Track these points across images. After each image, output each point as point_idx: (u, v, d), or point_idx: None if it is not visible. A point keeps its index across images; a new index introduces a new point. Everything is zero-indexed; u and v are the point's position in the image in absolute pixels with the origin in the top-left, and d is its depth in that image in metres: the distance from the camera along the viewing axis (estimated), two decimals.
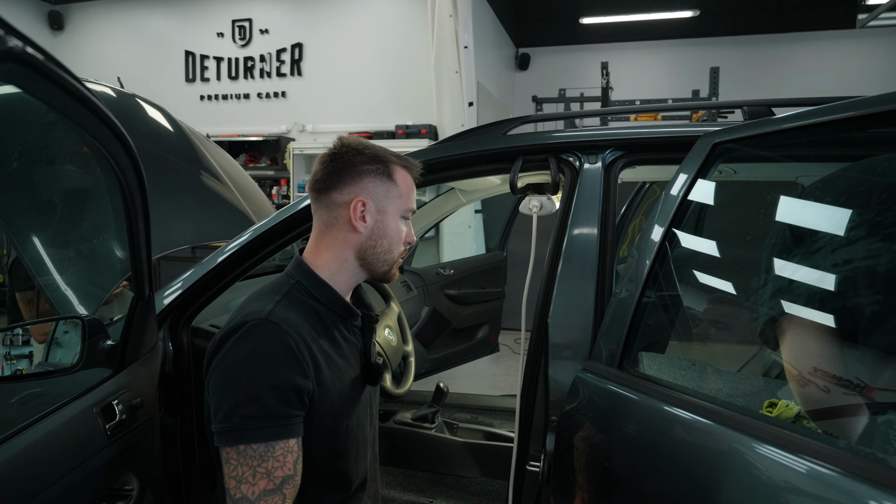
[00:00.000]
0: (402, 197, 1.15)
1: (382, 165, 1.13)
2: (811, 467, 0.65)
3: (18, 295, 1.94)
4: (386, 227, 1.13)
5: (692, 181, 1.12)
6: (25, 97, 0.60)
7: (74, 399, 1.04)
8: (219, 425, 0.97)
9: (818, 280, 0.84)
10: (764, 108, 1.37)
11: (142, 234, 1.05)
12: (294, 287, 1.09)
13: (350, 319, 1.16)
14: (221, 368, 0.99)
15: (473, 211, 5.70)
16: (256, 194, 2.82)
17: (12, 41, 0.47)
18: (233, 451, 0.95)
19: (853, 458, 0.62)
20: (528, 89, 8.33)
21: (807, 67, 7.86)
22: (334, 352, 1.09)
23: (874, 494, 0.56)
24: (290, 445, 0.98)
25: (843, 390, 0.77)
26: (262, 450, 0.95)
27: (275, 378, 0.97)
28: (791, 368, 0.83)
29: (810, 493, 0.65)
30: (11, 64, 0.48)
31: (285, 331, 1.00)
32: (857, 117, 0.81)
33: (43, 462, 0.86)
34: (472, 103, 5.64)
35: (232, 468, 0.95)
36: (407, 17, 6.28)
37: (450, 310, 3.36)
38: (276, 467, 0.96)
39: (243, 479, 0.94)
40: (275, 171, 6.59)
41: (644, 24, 7.83)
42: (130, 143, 0.80)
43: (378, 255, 1.13)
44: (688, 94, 6.82)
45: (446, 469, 2.26)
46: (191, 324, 1.57)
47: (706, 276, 1.13)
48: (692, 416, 0.87)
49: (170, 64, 7.00)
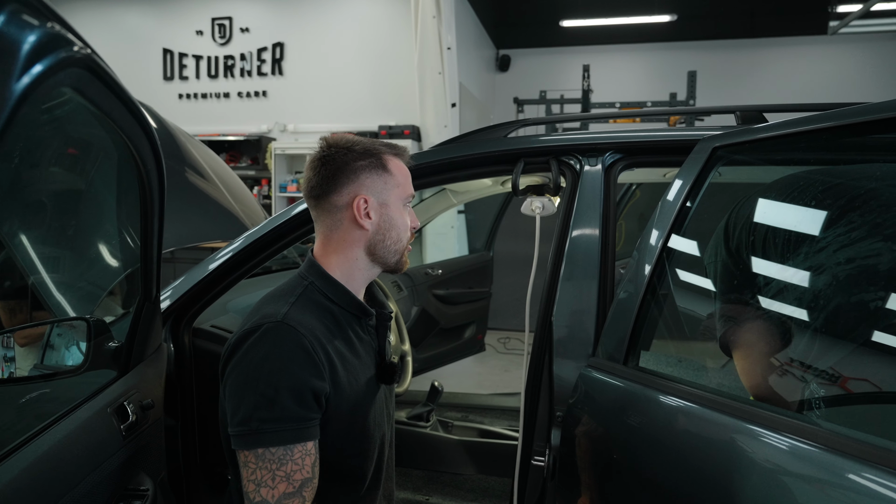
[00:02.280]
0: (401, 185, 1.14)
1: (375, 158, 1.12)
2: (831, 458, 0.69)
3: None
4: (392, 219, 1.13)
5: (693, 184, 1.16)
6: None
7: (87, 400, 1.04)
8: (236, 429, 0.96)
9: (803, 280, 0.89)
10: (757, 112, 1.42)
11: (155, 234, 1.06)
12: (308, 288, 1.09)
13: (364, 318, 1.15)
14: (238, 372, 0.99)
15: (456, 212, 5.73)
16: (244, 194, 2.80)
17: (79, 46, 0.48)
18: (251, 455, 0.95)
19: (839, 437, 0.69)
20: (508, 91, 8.40)
21: (779, 72, 8.07)
22: (349, 352, 1.09)
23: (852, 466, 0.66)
24: (308, 448, 0.98)
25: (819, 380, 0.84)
26: (281, 453, 0.95)
27: (292, 381, 0.97)
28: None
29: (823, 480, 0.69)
30: (77, 69, 0.50)
31: (301, 333, 1.00)
32: (858, 124, 0.85)
33: (66, 463, 0.86)
34: (455, 104, 5.67)
35: (251, 472, 0.95)
36: (389, 17, 6.28)
37: (438, 310, 3.39)
38: (295, 470, 0.96)
39: (262, 483, 0.94)
40: (256, 171, 6.53)
41: (623, 28, 7.95)
42: (159, 147, 0.81)
43: (388, 248, 1.13)
44: (665, 97, 6.94)
45: (442, 467, 2.28)
46: (192, 325, 1.57)
47: (708, 275, 1.17)
48: (699, 407, 0.90)
49: (147, 62, 6.90)
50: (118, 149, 0.92)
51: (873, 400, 0.83)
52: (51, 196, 1.65)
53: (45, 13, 0.45)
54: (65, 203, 1.66)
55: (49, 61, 0.45)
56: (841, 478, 0.67)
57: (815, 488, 0.71)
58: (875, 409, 0.83)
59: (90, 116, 0.77)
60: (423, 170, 1.50)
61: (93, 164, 1.35)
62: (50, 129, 1.42)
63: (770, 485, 0.74)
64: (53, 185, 1.64)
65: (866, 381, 0.83)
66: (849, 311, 0.82)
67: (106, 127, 0.75)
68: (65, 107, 0.88)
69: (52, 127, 1.35)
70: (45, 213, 1.62)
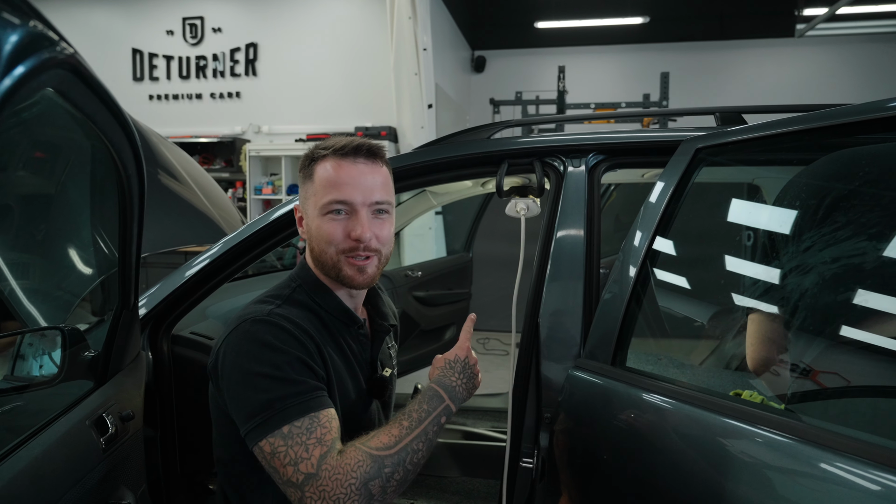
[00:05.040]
0: (317, 193, 1.04)
1: (308, 165, 1.07)
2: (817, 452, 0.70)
3: None
4: (311, 230, 1.07)
5: (677, 184, 1.17)
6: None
7: (64, 413, 1.01)
8: (258, 419, 0.93)
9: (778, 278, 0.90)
10: (736, 114, 1.45)
11: (134, 240, 1.03)
12: (296, 291, 1.07)
13: (353, 327, 1.11)
14: (237, 370, 0.96)
15: (434, 213, 5.72)
16: (220, 197, 2.74)
17: (63, 47, 0.46)
18: (278, 439, 0.91)
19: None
20: (484, 91, 8.41)
21: (749, 73, 8.24)
22: (340, 358, 1.07)
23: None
24: (331, 414, 0.96)
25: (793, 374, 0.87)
26: (308, 423, 0.92)
27: (292, 357, 0.95)
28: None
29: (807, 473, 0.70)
30: (60, 70, 0.47)
31: (287, 327, 0.98)
32: (842, 125, 0.87)
33: (45, 479, 0.83)
34: (432, 105, 5.66)
35: (283, 455, 0.91)
36: (364, 17, 6.24)
37: (418, 311, 3.37)
38: (325, 433, 0.93)
39: (299, 459, 0.90)
40: (230, 174, 6.43)
41: (597, 30, 8.04)
42: (140, 152, 0.78)
43: (321, 261, 1.06)
44: (639, 98, 7.03)
45: (427, 470, 2.27)
46: (171, 332, 1.53)
47: (698, 275, 1.18)
48: (688, 406, 0.91)
49: (116, 62, 6.73)
50: (96, 152, 0.89)
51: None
52: (18, 200, 1.59)
53: (28, 11, 0.43)
54: (34, 208, 1.61)
55: (32, 62, 0.42)
56: (822, 470, 0.69)
57: (798, 482, 0.72)
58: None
59: (67, 118, 0.74)
60: (407, 172, 1.49)
61: (64, 167, 1.31)
62: (19, 132, 1.37)
63: (761, 481, 0.75)
64: (21, 189, 1.59)
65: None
66: None
67: (86, 130, 0.72)
68: (34, 109, 0.85)
69: (22, 129, 1.30)
70: (13, 218, 1.57)
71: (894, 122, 0.80)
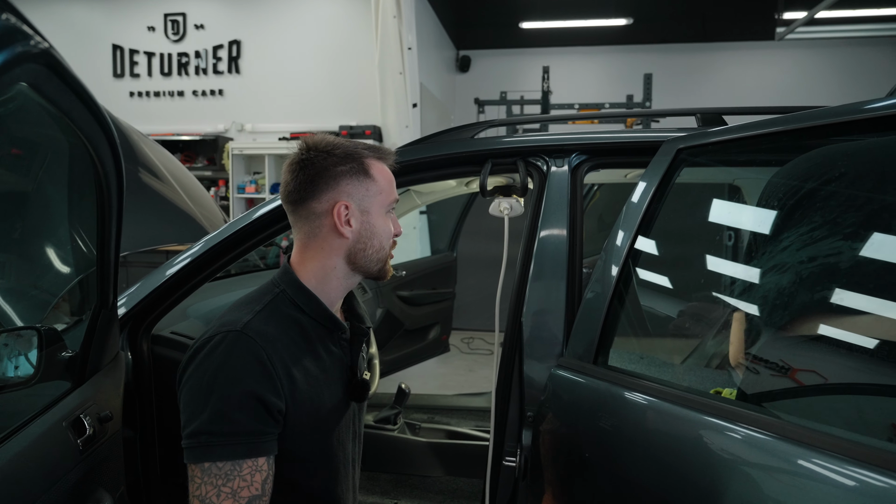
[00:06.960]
0: (384, 191, 1.08)
1: (356, 163, 1.05)
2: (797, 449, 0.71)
3: None
4: (373, 227, 1.07)
5: (658, 184, 1.18)
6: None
7: (40, 414, 0.99)
8: (186, 441, 0.92)
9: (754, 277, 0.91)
10: (716, 115, 1.46)
11: (113, 238, 1.01)
12: (278, 297, 1.04)
13: (336, 332, 1.10)
14: (192, 383, 0.94)
15: (419, 212, 5.71)
16: (202, 195, 2.71)
17: (37, 40, 0.45)
18: (197, 469, 0.90)
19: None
20: (468, 91, 8.42)
21: (730, 75, 8.34)
22: (316, 367, 1.04)
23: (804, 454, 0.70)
24: (259, 464, 0.93)
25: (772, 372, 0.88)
26: (228, 468, 0.90)
27: (245, 394, 0.92)
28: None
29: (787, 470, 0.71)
30: (34, 64, 0.46)
31: (259, 345, 0.95)
32: (820, 126, 0.88)
33: (21, 482, 0.81)
34: (417, 104, 5.65)
35: (196, 486, 0.90)
36: (349, 16, 6.22)
37: (402, 311, 3.37)
38: (243, 487, 0.91)
39: (206, 499, 0.89)
40: (212, 172, 6.36)
41: (581, 31, 8.08)
42: (118, 148, 0.77)
43: (370, 257, 1.08)
44: (622, 99, 7.08)
45: (410, 469, 2.27)
46: (151, 331, 1.51)
47: (680, 274, 1.19)
48: (669, 405, 0.92)
49: (95, 58, 6.63)
50: (73, 149, 0.88)
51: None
52: None
53: (0, 5, 0.42)
54: (11, 205, 1.58)
55: (3, 56, 0.41)
56: (800, 466, 0.70)
57: (778, 478, 0.73)
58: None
59: (42, 114, 0.72)
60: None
61: (40, 164, 1.29)
62: None
63: (741, 477, 0.76)
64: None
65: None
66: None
67: (62, 126, 0.70)
68: (9, 105, 0.83)
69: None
70: None
71: (871, 123, 0.82)
